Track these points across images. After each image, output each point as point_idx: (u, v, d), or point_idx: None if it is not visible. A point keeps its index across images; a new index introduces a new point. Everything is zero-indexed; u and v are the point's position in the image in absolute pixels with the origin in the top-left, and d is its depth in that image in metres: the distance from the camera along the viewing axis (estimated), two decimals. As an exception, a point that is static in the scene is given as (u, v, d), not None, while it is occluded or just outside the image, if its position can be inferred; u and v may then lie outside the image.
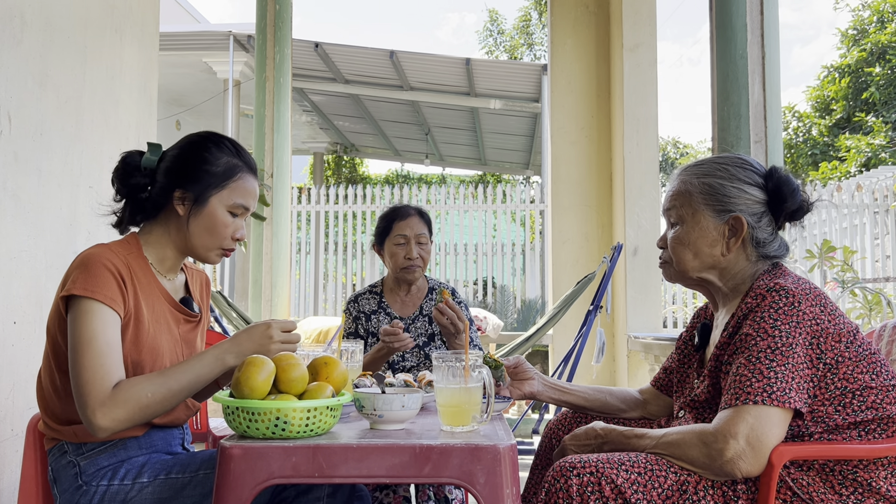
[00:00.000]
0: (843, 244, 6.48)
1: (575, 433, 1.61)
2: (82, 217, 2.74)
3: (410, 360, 2.50)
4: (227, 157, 1.65)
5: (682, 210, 1.60)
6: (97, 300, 1.47)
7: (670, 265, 1.64)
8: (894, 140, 14.01)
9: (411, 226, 2.51)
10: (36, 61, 2.50)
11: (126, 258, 1.57)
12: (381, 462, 1.30)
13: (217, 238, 1.64)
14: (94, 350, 1.44)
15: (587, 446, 1.57)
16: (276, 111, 5.96)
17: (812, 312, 1.42)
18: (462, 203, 7.60)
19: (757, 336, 1.41)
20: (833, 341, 1.42)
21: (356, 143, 14.24)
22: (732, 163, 1.59)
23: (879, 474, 1.40)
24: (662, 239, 1.67)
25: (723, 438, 1.35)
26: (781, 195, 1.55)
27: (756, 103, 2.90)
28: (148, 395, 1.44)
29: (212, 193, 1.61)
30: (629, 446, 1.50)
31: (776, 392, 1.36)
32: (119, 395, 1.43)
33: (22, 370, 2.36)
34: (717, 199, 1.56)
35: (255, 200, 1.69)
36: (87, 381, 1.42)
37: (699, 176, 1.59)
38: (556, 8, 5.84)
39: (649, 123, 5.31)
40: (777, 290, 1.44)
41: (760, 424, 1.35)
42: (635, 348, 5.07)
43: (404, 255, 2.49)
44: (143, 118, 3.23)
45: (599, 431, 1.56)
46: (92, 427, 1.42)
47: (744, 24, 2.90)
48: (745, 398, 1.37)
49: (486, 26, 21.99)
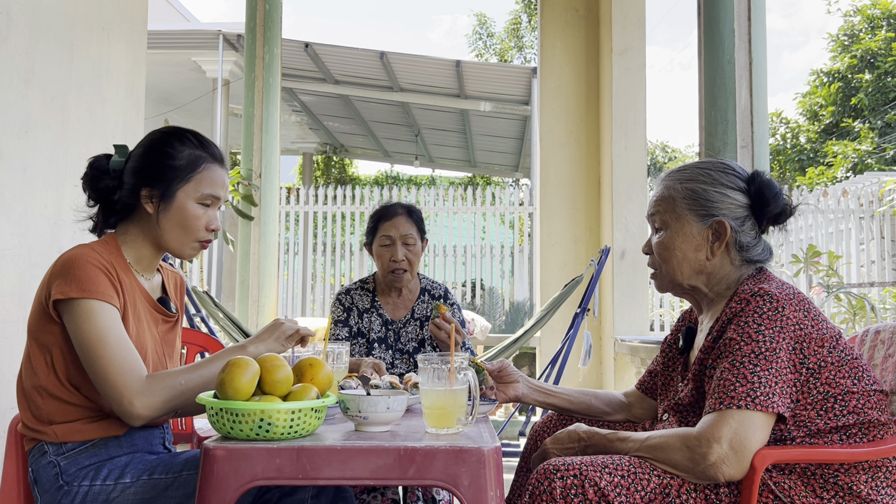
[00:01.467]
0: (828, 249, 6.53)
1: (557, 436, 1.60)
2: (67, 216, 2.72)
3: (400, 367, 2.44)
4: (190, 150, 1.64)
5: (665, 215, 1.61)
6: (96, 299, 1.47)
7: (661, 275, 1.65)
8: (881, 146, 14.14)
9: (397, 226, 2.43)
10: (22, 59, 2.48)
11: (108, 257, 1.57)
12: (366, 464, 1.30)
13: (190, 232, 1.63)
14: (112, 346, 1.46)
15: (570, 449, 1.57)
16: (265, 111, 5.95)
17: (796, 317, 1.43)
18: (451, 205, 7.61)
19: (741, 341, 1.42)
20: (816, 346, 1.43)
21: (346, 143, 14.23)
22: (715, 168, 1.60)
23: (860, 478, 1.41)
24: (647, 244, 1.68)
25: (706, 443, 1.36)
26: (764, 199, 1.57)
27: (743, 108, 2.92)
28: (181, 381, 1.48)
29: (178, 188, 1.61)
30: (612, 449, 1.50)
31: (760, 397, 1.37)
32: (155, 384, 1.46)
33: (4, 369, 2.34)
34: (701, 203, 1.57)
35: (224, 189, 1.68)
36: (117, 375, 1.44)
37: (682, 181, 1.60)
38: (545, 11, 5.86)
39: (637, 127, 5.34)
40: (761, 295, 1.45)
41: (744, 429, 1.36)
42: (622, 351, 5.08)
43: (389, 257, 2.42)
44: (131, 117, 3.21)
45: (582, 434, 1.56)
46: (129, 417, 1.45)
47: (731, 30, 2.91)
48: (728, 402, 1.37)
49: (476, 29, 22.04)
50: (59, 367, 1.53)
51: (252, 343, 1.60)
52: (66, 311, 1.48)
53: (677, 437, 1.40)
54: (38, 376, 1.54)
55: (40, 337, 1.54)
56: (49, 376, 1.53)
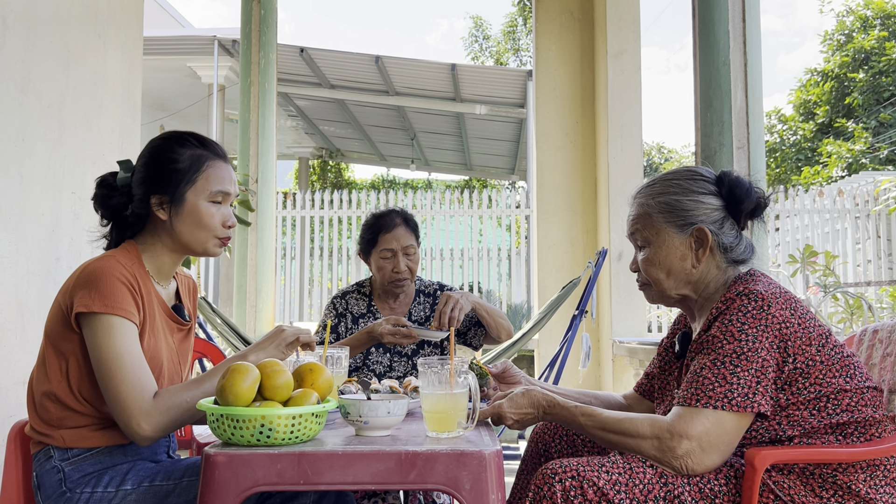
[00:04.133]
0: (825, 249, 6.55)
1: (514, 398, 1.57)
2: (64, 223, 2.72)
3: (398, 370, 2.43)
4: (192, 151, 1.64)
5: (645, 232, 1.62)
6: (118, 315, 1.48)
7: (651, 287, 1.66)
8: (874, 146, 14.18)
9: (397, 238, 2.41)
10: (18, 66, 2.48)
11: (131, 268, 1.57)
12: (367, 469, 1.30)
13: (207, 230, 1.64)
14: (128, 364, 1.46)
15: (527, 415, 1.55)
16: (261, 116, 5.95)
17: (782, 316, 1.45)
18: (448, 208, 7.61)
19: (723, 339, 1.44)
20: (803, 345, 1.45)
21: (342, 147, 14.23)
22: (682, 176, 1.62)
23: (858, 477, 1.42)
24: (634, 262, 1.69)
25: (677, 437, 1.38)
26: (736, 198, 1.58)
27: (739, 109, 2.93)
28: (186, 399, 1.49)
29: (186, 189, 1.61)
30: (576, 423, 1.51)
31: (737, 398, 1.39)
32: (161, 404, 1.47)
33: (2, 377, 2.34)
34: (677, 214, 1.58)
35: (232, 185, 1.68)
36: (128, 395, 1.45)
37: (654, 196, 1.62)
38: (540, 14, 5.87)
39: (633, 129, 5.35)
40: (747, 294, 1.46)
41: (716, 429, 1.39)
42: (620, 353, 5.09)
43: (392, 268, 2.41)
44: (127, 123, 3.21)
45: (542, 402, 1.54)
46: (137, 437, 1.46)
47: (726, 31, 2.92)
48: (706, 401, 1.40)
49: (471, 32, 22.10)
50: (73, 377, 1.54)
51: (253, 352, 1.61)
52: (86, 324, 1.49)
53: (649, 425, 1.42)
54: (51, 382, 1.55)
55: (59, 344, 1.55)
56: (61, 384, 1.54)
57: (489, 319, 2.42)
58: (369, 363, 2.42)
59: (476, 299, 2.38)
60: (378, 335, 2.22)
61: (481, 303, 2.40)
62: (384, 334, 2.21)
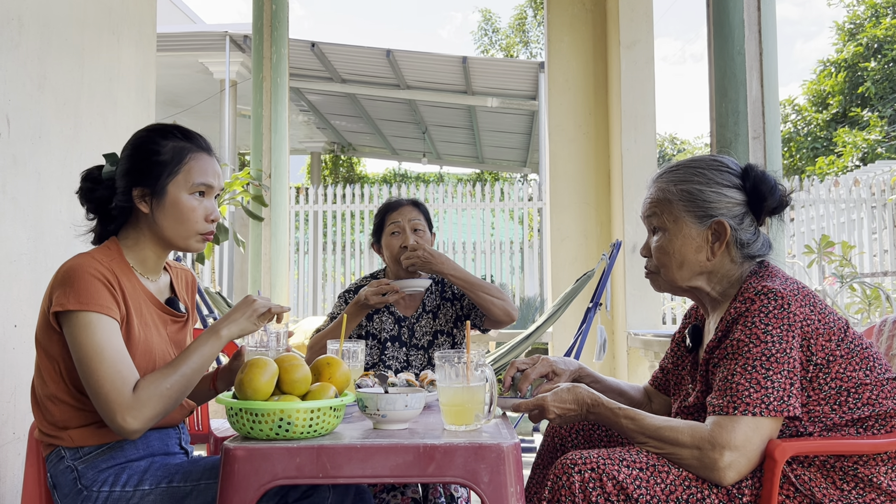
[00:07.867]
0: (841, 239, 6.50)
1: (559, 393, 1.54)
2: (82, 220, 2.73)
3: (415, 363, 2.41)
4: (174, 143, 1.62)
5: (662, 217, 1.58)
6: (94, 311, 1.46)
7: (658, 276, 1.63)
8: (890, 135, 14.03)
9: (404, 214, 2.41)
10: (34, 64, 2.50)
11: (109, 264, 1.56)
12: (385, 462, 1.30)
13: (189, 224, 1.61)
14: (107, 360, 1.45)
15: (570, 411, 1.53)
16: (273, 111, 5.96)
17: (802, 313, 1.42)
18: (460, 201, 7.60)
19: (749, 342, 1.40)
20: (824, 340, 1.43)
21: (353, 142, 14.24)
22: (708, 166, 1.57)
23: (880, 469, 1.41)
24: (646, 247, 1.65)
25: (719, 449, 1.36)
26: (760, 194, 1.54)
27: (754, 99, 2.91)
28: (167, 386, 1.47)
29: (167, 182, 1.59)
30: (617, 425, 1.49)
31: (773, 402, 1.37)
32: (141, 396, 1.44)
33: (24, 373, 2.36)
34: (698, 204, 1.54)
35: (216, 178, 1.66)
36: (109, 391, 1.43)
37: (676, 182, 1.57)
38: (552, 6, 5.84)
39: (647, 120, 5.32)
40: (766, 294, 1.43)
41: (757, 435, 1.37)
42: (635, 345, 5.07)
43: (400, 243, 2.37)
44: (142, 120, 3.22)
45: (588, 400, 1.52)
46: (123, 431, 1.44)
47: (741, 21, 2.90)
48: (743, 409, 1.37)
49: (481, 25, 22.02)
50: (70, 378, 1.53)
51: (224, 325, 1.56)
52: (65, 323, 1.48)
53: (689, 434, 1.39)
54: (49, 386, 1.55)
55: (48, 348, 1.54)
56: (59, 385, 1.54)
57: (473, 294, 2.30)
58: (385, 358, 2.42)
59: (455, 268, 2.29)
60: (364, 300, 2.23)
61: (461, 275, 2.30)
62: (369, 297, 2.22)
